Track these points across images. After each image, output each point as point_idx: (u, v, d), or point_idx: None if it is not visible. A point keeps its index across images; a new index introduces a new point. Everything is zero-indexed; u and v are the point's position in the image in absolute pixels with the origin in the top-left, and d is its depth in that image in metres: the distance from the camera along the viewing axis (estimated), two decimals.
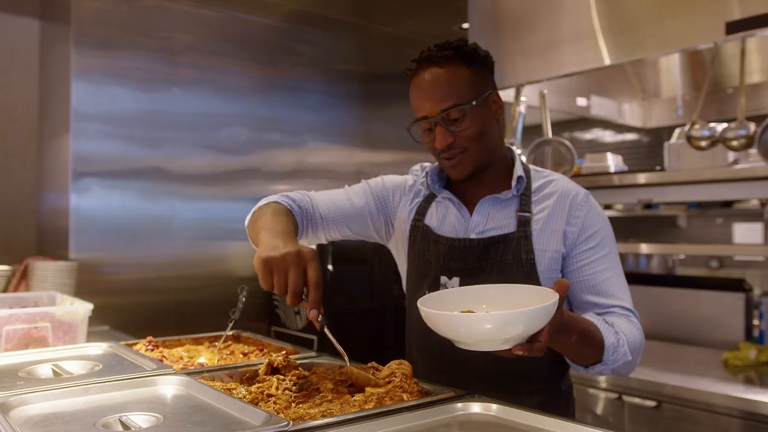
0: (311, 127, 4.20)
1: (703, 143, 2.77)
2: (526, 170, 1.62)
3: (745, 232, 4.65)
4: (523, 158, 3.16)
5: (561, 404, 1.58)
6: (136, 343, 1.81)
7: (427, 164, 1.79)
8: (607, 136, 5.72)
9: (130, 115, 3.50)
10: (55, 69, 3.60)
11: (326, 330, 1.35)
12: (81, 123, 3.35)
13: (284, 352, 1.73)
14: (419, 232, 1.66)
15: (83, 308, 2.13)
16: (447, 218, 1.64)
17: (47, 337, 2.06)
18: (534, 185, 1.60)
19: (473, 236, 1.57)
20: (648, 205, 4.44)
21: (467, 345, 1.16)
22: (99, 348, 1.75)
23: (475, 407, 1.20)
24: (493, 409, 1.18)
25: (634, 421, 2.62)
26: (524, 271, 1.51)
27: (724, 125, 2.76)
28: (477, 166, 1.54)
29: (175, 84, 3.66)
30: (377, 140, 4.52)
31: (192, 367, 1.56)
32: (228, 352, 1.78)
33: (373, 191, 1.76)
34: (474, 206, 1.60)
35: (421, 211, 1.68)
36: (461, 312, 1.23)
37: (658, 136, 5.19)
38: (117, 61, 3.46)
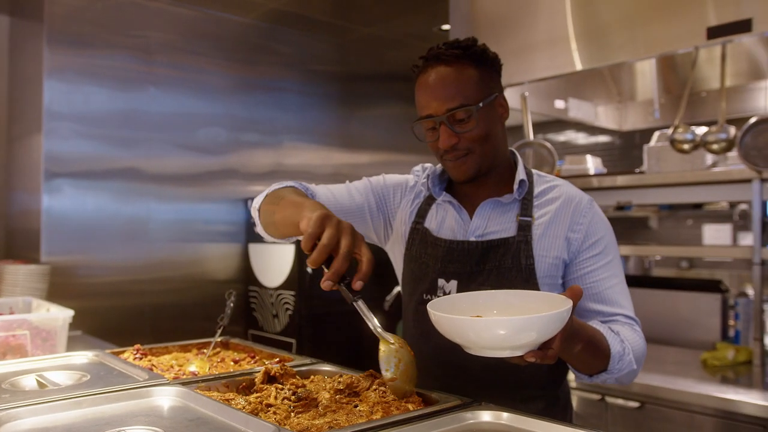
0: (289, 127, 4.15)
1: (686, 146, 2.81)
2: (529, 174, 1.60)
3: (715, 233, 4.74)
4: None
5: (558, 411, 1.57)
6: (123, 351, 1.75)
7: (428, 165, 1.76)
8: (581, 138, 5.78)
9: (104, 114, 3.42)
10: (26, 67, 3.49)
11: (358, 304, 1.25)
12: (54, 122, 3.26)
13: (278, 359, 1.69)
14: (418, 235, 1.63)
15: (63, 315, 2.07)
16: (446, 221, 1.61)
17: (26, 345, 1.99)
18: (536, 190, 1.58)
19: (472, 239, 1.55)
20: (620, 207, 4.50)
21: (478, 350, 1.14)
22: (84, 357, 1.69)
23: (485, 416, 1.18)
24: (504, 417, 1.17)
25: (618, 423, 2.65)
26: (523, 276, 1.49)
27: (705, 129, 2.80)
28: (480, 168, 1.52)
29: (151, 83, 3.58)
30: (355, 141, 4.50)
31: (184, 376, 1.52)
32: (218, 360, 1.73)
33: (374, 188, 1.72)
34: (474, 209, 1.58)
35: (421, 213, 1.65)
36: (472, 317, 1.21)
37: (631, 138, 5.26)
38: (91, 59, 3.37)
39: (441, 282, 1.56)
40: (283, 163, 4.13)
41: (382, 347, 1.30)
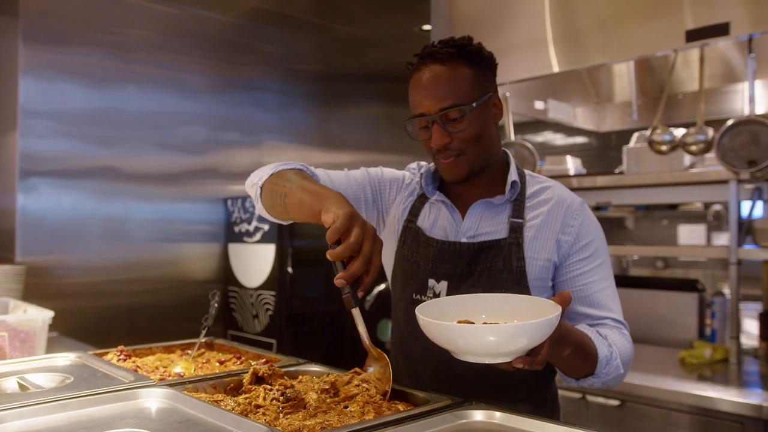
0: (269, 127, 4.13)
1: (664, 147, 2.84)
2: (521, 175, 1.59)
3: (689, 234, 4.82)
4: None
5: (546, 412, 1.57)
6: (106, 353, 1.72)
7: (423, 163, 1.74)
8: (559, 139, 5.83)
9: (81, 112, 3.36)
10: (0, 64, 3.42)
11: (355, 311, 1.27)
12: (29, 120, 3.21)
13: (264, 360, 1.68)
14: (410, 233, 1.62)
15: (42, 316, 2.03)
16: (438, 220, 1.60)
17: (4, 347, 1.95)
18: (528, 191, 1.58)
19: (464, 240, 1.54)
20: (597, 207, 4.55)
21: (466, 356, 1.13)
22: (66, 359, 1.66)
23: (477, 415, 1.18)
24: (496, 417, 1.17)
25: (599, 421, 2.67)
26: (514, 279, 1.48)
27: (683, 130, 2.84)
28: (473, 169, 1.50)
29: (130, 81, 3.54)
30: (335, 141, 4.49)
31: (170, 378, 1.50)
32: (203, 361, 1.72)
33: (371, 180, 1.69)
34: (466, 209, 1.57)
35: (414, 212, 1.64)
36: (459, 322, 1.21)
37: (608, 139, 5.32)
38: (68, 56, 3.32)
39: (431, 282, 1.55)
40: (263, 162, 4.04)
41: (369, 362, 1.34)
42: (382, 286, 3.87)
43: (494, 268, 1.49)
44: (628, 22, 2.89)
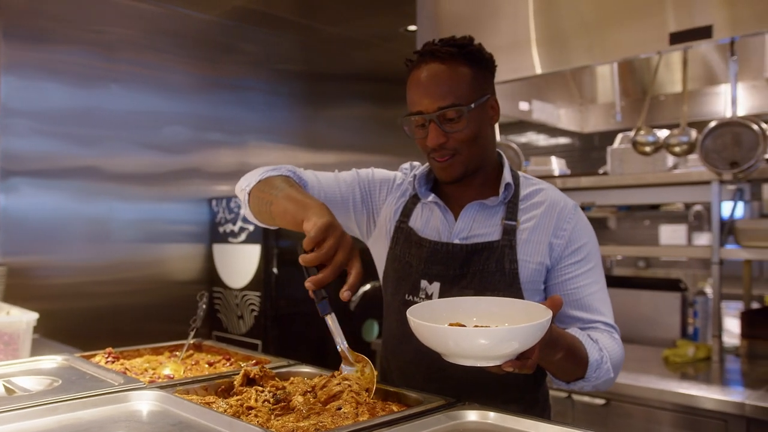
0: (253, 127, 4.11)
1: (648, 149, 2.87)
2: (515, 177, 1.58)
3: (671, 234, 4.87)
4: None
5: (537, 412, 1.57)
6: (94, 355, 1.71)
7: (416, 163, 1.73)
8: (542, 139, 5.87)
9: (63, 111, 3.33)
10: None
11: (329, 318, 1.30)
12: (10, 119, 3.17)
13: (254, 361, 1.67)
14: (402, 234, 1.61)
15: (27, 318, 2.01)
16: (431, 221, 1.59)
17: None
18: (522, 193, 1.57)
19: (456, 241, 1.53)
20: (582, 207, 4.59)
21: (457, 359, 1.13)
22: (53, 361, 1.64)
23: (471, 415, 1.19)
24: (490, 417, 1.17)
25: (584, 420, 2.69)
26: (506, 281, 1.48)
27: (667, 131, 2.88)
28: (467, 170, 1.49)
29: (112, 80, 3.51)
30: (320, 141, 4.48)
31: (160, 380, 1.49)
32: (192, 363, 1.70)
33: (361, 181, 1.68)
34: (459, 211, 1.56)
35: (407, 212, 1.63)
36: (451, 324, 1.20)
37: (590, 140, 5.37)
38: (50, 54, 3.28)
39: (423, 283, 1.54)
40: (248, 163, 4.08)
41: (344, 365, 1.34)
42: (368, 287, 3.86)
43: (487, 270, 1.49)
44: (611, 24, 2.92)
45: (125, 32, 3.55)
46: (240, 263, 3.68)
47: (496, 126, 3.57)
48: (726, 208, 2.95)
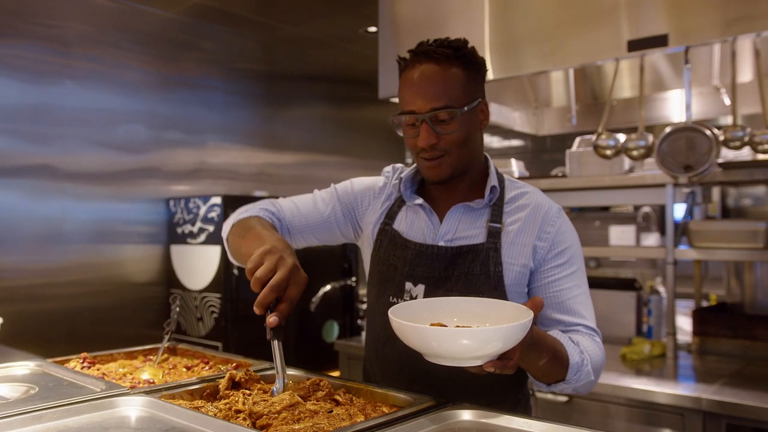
0: (212, 126, 4.06)
1: (609, 152, 2.96)
2: (500, 180, 1.60)
3: (620, 235, 5.02)
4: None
5: (519, 413, 1.60)
6: (68, 361, 1.66)
7: (399, 165, 1.74)
8: (495, 141, 5.97)
9: (15, 108, 3.22)
10: None
11: (275, 343, 1.31)
12: None
13: (234, 364, 1.66)
14: (386, 236, 1.62)
15: None
16: (416, 224, 1.60)
17: None
18: (507, 196, 1.59)
19: (442, 243, 1.55)
20: None
21: (439, 359, 1.14)
22: (24, 368, 1.59)
23: (466, 414, 1.21)
24: (484, 416, 1.20)
25: (547, 416, 2.76)
26: (491, 284, 1.50)
27: (624, 136, 2.97)
28: (455, 171, 1.51)
29: (68, 76, 3.41)
30: (279, 141, 4.45)
31: (141, 385, 1.46)
32: (170, 367, 1.68)
33: (340, 197, 1.70)
34: (444, 213, 1.58)
35: (391, 215, 1.64)
36: (432, 325, 1.21)
37: (542, 143, 5.49)
38: (2, 49, 3.17)
39: (408, 285, 1.55)
40: (207, 162, 4.02)
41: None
42: (328, 287, 3.86)
43: (472, 272, 1.50)
44: (569, 31, 2.99)
45: (81, 27, 3.46)
46: (199, 264, 3.62)
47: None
48: (678, 211, 3.07)
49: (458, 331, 1.14)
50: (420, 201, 1.60)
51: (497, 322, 1.19)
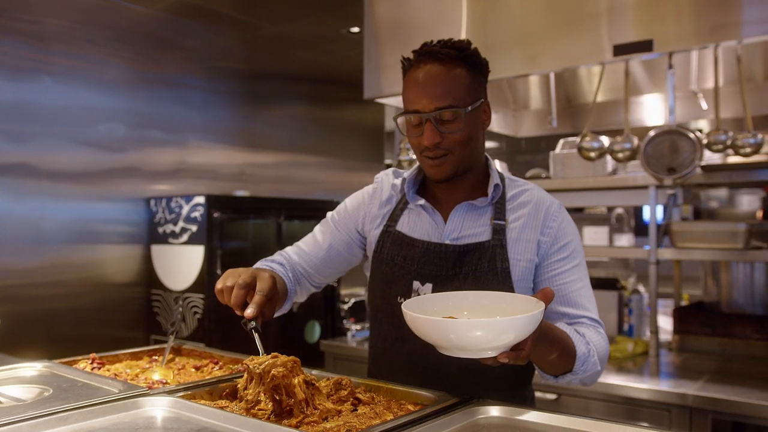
0: (193, 125, 4.01)
1: (593, 154, 3.02)
2: (501, 178, 1.63)
3: (593, 235, 5.12)
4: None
5: (544, 409, 1.63)
6: (75, 362, 1.63)
7: (391, 169, 1.76)
8: None
9: None
10: None
11: (256, 335, 1.40)
12: None
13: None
14: (389, 237, 1.63)
15: None
16: (420, 224, 1.62)
17: None
18: (509, 193, 1.62)
19: (448, 242, 1.57)
20: None
21: (454, 352, 1.16)
22: (32, 369, 1.56)
23: (493, 410, 1.23)
24: (511, 412, 1.22)
25: None
26: (499, 280, 1.52)
27: (609, 139, 3.04)
28: (457, 170, 1.53)
29: (46, 73, 3.33)
30: (260, 141, 4.42)
31: (156, 386, 1.44)
32: (179, 367, 1.66)
33: (337, 223, 1.74)
34: (448, 213, 1.60)
35: (394, 218, 1.65)
36: (444, 318, 1.23)
37: (517, 144, 5.56)
38: None
39: (416, 284, 1.56)
40: (187, 162, 3.98)
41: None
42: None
43: (479, 270, 1.53)
44: (554, 34, 3.04)
45: (60, 23, 3.38)
46: (181, 264, 3.58)
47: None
48: (658, 212, 3.14)
49: (474, 322, 1.14)
50: (422, 201, 1.62)
51: (507, 314, 1.20)
